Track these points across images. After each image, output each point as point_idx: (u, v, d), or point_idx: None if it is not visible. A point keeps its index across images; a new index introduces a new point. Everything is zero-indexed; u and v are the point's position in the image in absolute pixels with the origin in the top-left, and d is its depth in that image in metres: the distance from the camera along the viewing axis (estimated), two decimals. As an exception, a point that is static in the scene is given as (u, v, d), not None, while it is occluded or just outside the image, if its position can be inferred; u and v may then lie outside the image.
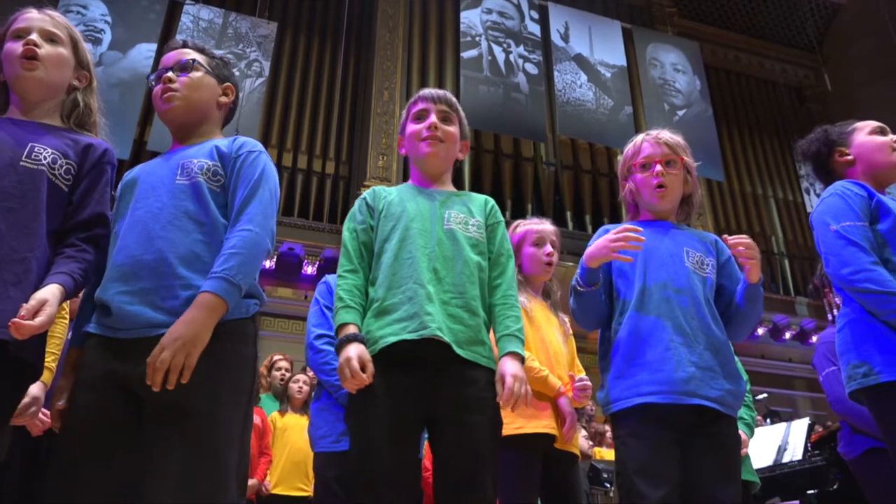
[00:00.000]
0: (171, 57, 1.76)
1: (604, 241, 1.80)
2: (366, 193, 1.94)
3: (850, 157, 2.02)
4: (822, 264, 2.86)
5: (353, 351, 1.61)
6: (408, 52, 9.37)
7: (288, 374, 4.62)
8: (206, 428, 1.39)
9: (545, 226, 2.63)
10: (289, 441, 4.17)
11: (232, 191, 1.62)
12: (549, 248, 2.55)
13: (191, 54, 1.76)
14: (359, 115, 9.17)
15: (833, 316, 2.84)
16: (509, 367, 1.67)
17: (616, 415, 1.82)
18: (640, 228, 1.80)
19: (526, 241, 2.57)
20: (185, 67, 1.73)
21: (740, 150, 11.43)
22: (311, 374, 4.24)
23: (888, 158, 2.00)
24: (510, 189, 9.01)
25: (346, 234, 1.86)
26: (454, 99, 2.00)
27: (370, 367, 1.60)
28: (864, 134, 2.04)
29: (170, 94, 1.70)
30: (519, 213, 8.83)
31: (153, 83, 1.75)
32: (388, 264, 1.77)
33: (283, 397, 4.41)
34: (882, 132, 2.04)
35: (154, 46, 7.90)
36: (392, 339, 1.65)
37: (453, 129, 1.96)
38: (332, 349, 2.30)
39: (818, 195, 2.05)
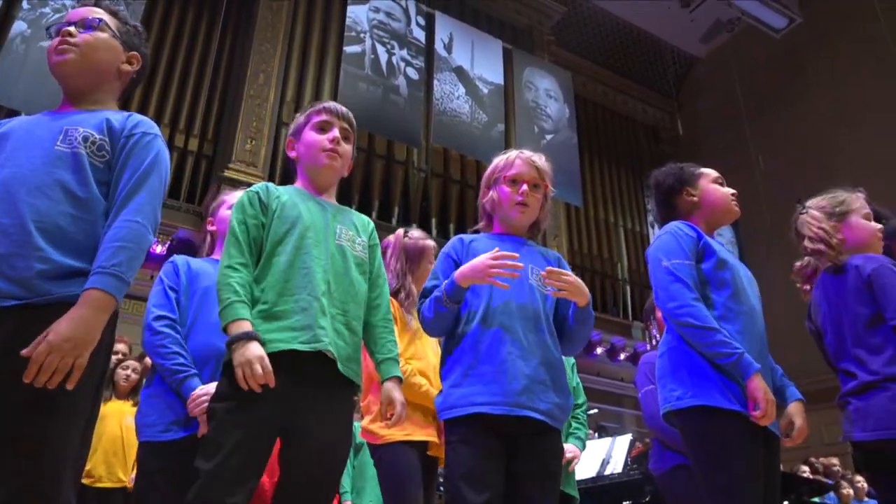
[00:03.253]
0: (77, 13, 1.63)
1: (482, 264, 1.84)
2: (257, 187, 1.88)
3: (695, 199, 2.21)
4: (651, 297, 3.13)
5: (258, 350, 1.57)
6: (289, 38, 9.12)
7: (123, 358, 4.31)
8: (51, 415, 1.30)
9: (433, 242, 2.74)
10: (106, 429, 3.86)
11: (118, 171, 1.51)
12: None
13: (99, 13, 1.64)
14: (230, 95, 8.79)
15: (652, 343, 3.11)
16: (396, 393, 1.81)
17: (450, 421, 1.87)
18: (517, 255, 1.87)
19: (425, 258, 2.66)
20: (89, 25, 1.60)
21: (598, 179, 12.16)
22: (147, 360, 3.99)
23: (727, 209, 2.22)
24: (379, 190, 9.00)
25: (235, 224, 1.79)
26: (353, 119, 2.03)
27: (269, 370, 1.57)
28: (709, 181, 2.24)
29: (65, 47, 1.57)
30: (385, 215, 8.84)
31: (52, 35, 1.60)
32: (281, 269, 1.74)
33: (109, 382, 4.10)
34: (721, 183, 2.26)
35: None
36: (283, 347, 1.64)
37: (349, 147, 1.99)
38: (171, 332, 2.20)
39: (661, 230, 2.24)
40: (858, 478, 6.65)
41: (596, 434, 6.95)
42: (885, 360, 1.96)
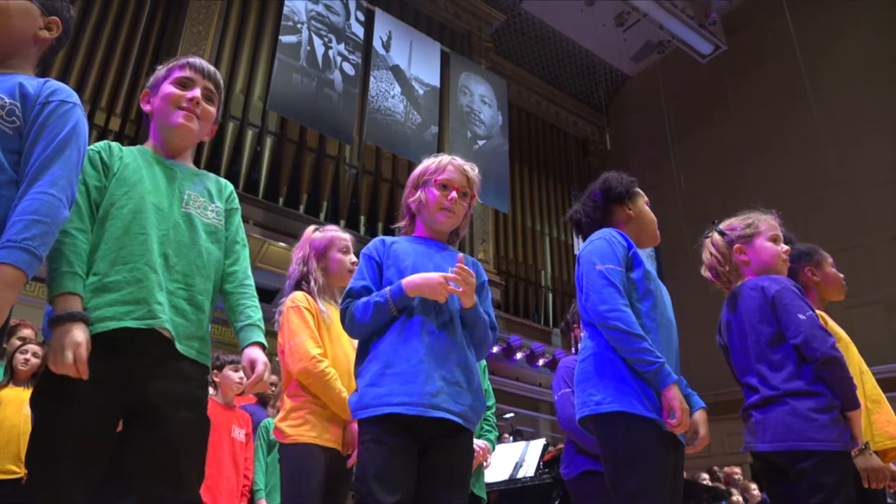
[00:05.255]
0: None
1: (437, 283, 1.88)
2: (99, 146, 1.72)
3: (632, 214, 2.30)
4: (575, 303, 3.20)
5: (82, 335, 1.44)
6: (223, 21, 8.86)
7: (22, 342, 4.06)
8: None
9: (348, 235, 2.68)
10: (2, 418, 3.64)
11: (32, 141, 1.42)
12: (354, 258, 2.62)
13: None
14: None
15: (575, 348, 3.18)
16: (259, 354, 1.69)
17: (364, 421, 1.87)
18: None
19: (333, 247, 2.60)
20: None
21: (527, 187, 12.36)
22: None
23: (653, 233, 2.34)
24: (308, 184, 8.87)
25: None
26: (221, 79, 1.91)
27: (83, 359, 1.43)
28: (643, 202, 2.35)
29: None
30: (313, 209, 8.72)
31: None
32: (115, 236, 1.60)
33: (7, 367, 3.86)
34: (649, 207, 2.35)
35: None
36: (113, 325, 1.52)
37: (213, 109, 1.87)
38: None
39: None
40: (753, 485, 7.00)
41: (511, 438, 7.06)
42: (784, 376, 2.09)
